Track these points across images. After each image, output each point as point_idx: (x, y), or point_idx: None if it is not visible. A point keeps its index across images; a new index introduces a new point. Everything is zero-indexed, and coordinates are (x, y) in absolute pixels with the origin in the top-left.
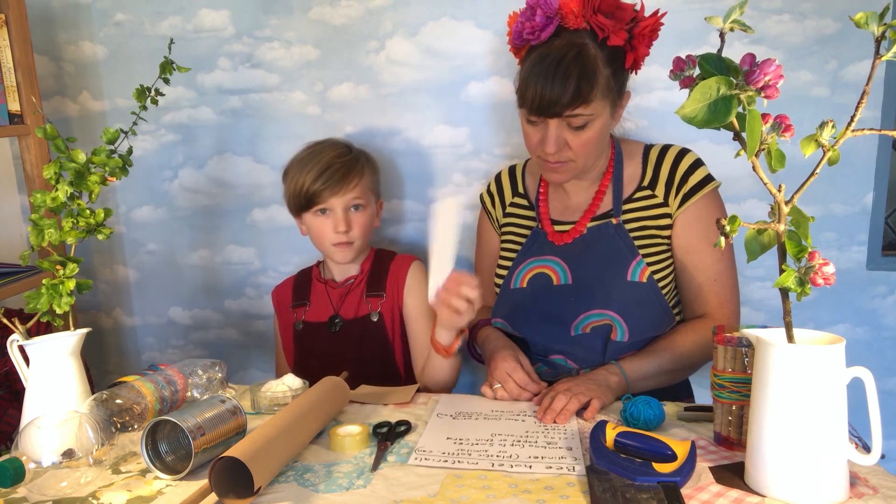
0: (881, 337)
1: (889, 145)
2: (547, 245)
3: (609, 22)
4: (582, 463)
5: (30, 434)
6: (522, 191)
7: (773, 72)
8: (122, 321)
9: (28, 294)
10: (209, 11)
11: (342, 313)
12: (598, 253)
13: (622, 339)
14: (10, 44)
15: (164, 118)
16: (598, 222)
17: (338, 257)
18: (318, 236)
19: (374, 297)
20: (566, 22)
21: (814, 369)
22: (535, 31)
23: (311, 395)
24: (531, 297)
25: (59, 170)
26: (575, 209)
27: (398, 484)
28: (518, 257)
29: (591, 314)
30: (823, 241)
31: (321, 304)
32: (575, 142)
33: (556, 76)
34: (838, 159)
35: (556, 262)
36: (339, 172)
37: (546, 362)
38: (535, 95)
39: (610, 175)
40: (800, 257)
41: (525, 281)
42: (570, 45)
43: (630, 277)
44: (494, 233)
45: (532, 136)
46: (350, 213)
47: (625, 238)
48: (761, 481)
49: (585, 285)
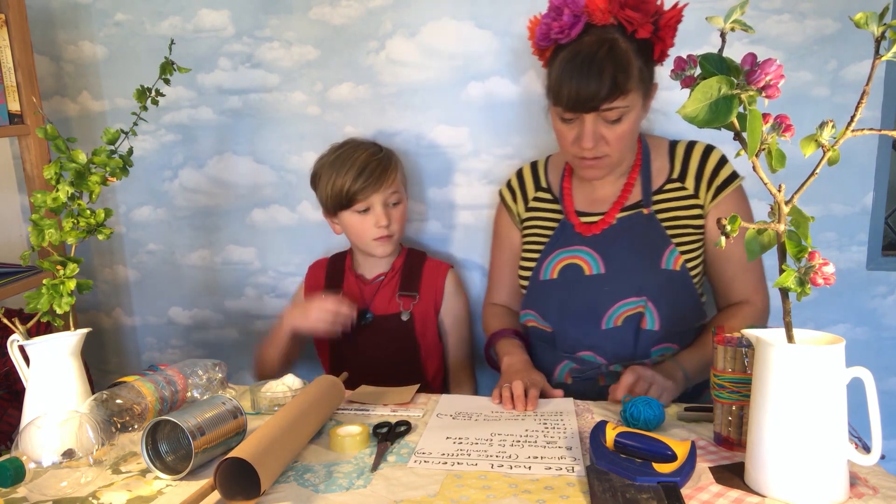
0: (881, 337)
1: (889, 145)
2: (575, 236)
3: (636, 15)
4: (582, 463)
5: (30, 434)
6: (546, 185)
7: (774, 71)
8: (122, 321)
9: (28, 294)
10: (209, 11)
11: (372, 309)
12: (631, 241)
13: (652, 327)
14: (10, 44)
15: (164, 118)
16: (628, 213)
17: (379, 251)
18: (358, 233)
19: (407, 297)
20: (593, 18)
21: (814, 369)
22: (564, 29)
23: (310, 395)
24: (563, 287)
25: (59, 170)
26: (602, 201)
27: (398, 484)
28: (546, 249)
29: (624, 303)
30: (823, 241)
31: (352, 295)
32: (611, 135)
33: (591, 71)
34: (838, 159)
35: (587, 252)
36: (377, 170)
37: (574, 359)
38: (572, 92)
39: (638, 167)
40: (800, 257)
41: (555, 272)
42: (601, 41)
43: (664, 265)
44: (515, 228)
45: (567, 135)
46: (389, 208)
47: (657, 228)
48: (761, 481)
49: (619, 274)
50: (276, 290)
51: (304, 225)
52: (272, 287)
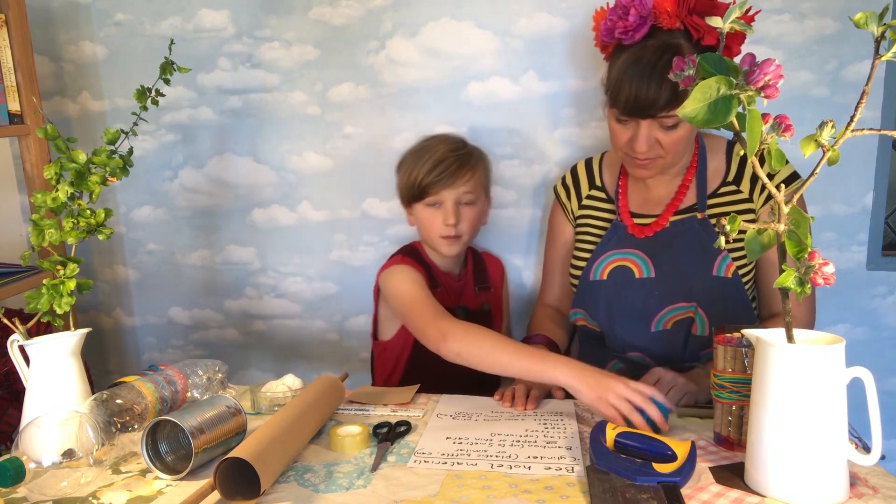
0: (881, 337)
1: (889, 145)
2: (627, 238)
3: (703, 22)
4: (582, 463)
5: (30, 434)
6: (600, 184)
7: (773, 72)
8: (122, 321)
9: (28, 294)
10: (209, 11)
11: (463, 304)
12: (683, 247)
13: (702, 332)
14: (10, 44)
15: (164, 118)
16: (682, 216)
17: (444, 250)
18: (427, 228)
19: (484, 290)
20: (660, 22)
21: (814, 369)
22: (629, 30)
23: (310, 395)
24: (612, 289)
25: (59, 170)
26: (656, 202)
27: (398, 484)
28: (597, 250)
29: (674, 308)
30: (823, 241)
31: (448, 290)
32: (666, 140)
33: (651, 78)
34: (838, 159)
35: (638, 256)
36: (452, 166)
37: (623, 359)
38: (630, 97)
39: (693, 169)
40: (800, 257)
41: (605, 273)
42: (665, 46)
43: (716, 272)
44: (569, 225)
45: (621, 135)
46: (460, 207)
47: (710, 233)
48: (761, 481)
49: (669, 279)
50: (276, 290)
51: (304, 225)
52: (272, 287)
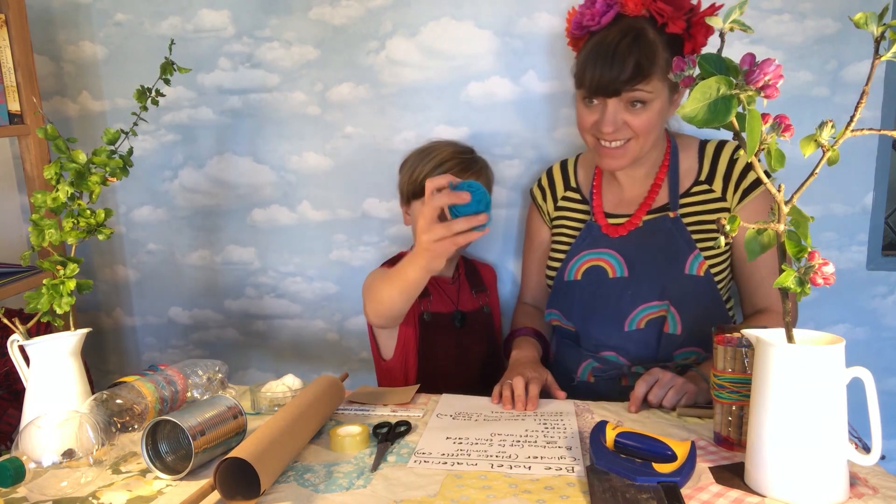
0: (881, 337)
1: (889, 145)
2: (601, 238)
3: (668, 8)
4: (582, 463)
5: (30, 434)
6: (575, 185)
7: (773, 72)
8: (122, 321)
9: (28, 294)
10: (209, 11)
11: (461, 307)
12: (655, 246)
13: (674, 331)
14: (10, 44)
15: (164, 118)
16: (655, 215)
17: None
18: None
19: (482, 293)
20: (626, 9)
21: (813, 369)
22: (595, 17)
23: (309, 395)
24: (586, 289)
25: (59, 170)
26: (630, 202)
27: (398, 484)
28: (572, 250)
29: (647, 306)
30: (823, 241)
31: (439, 296)
32: (634, 122)
33: (615, 56)
34: (838, 159)
35: (612, 255)
36: (456, 168)
37: (597, 358)
38: (595, 75)
39: (665, 168)
40: (800, 257)
41: (580, 273)
42: (629, 28)
43: (688, 271)
44: (545, 226)
45: (587, 118)
46: None
47: (682, 232)
48: (761, 481)
49: (642, 278)
50: (276, 290)
51: (304, 225)
52: (272, 287)
